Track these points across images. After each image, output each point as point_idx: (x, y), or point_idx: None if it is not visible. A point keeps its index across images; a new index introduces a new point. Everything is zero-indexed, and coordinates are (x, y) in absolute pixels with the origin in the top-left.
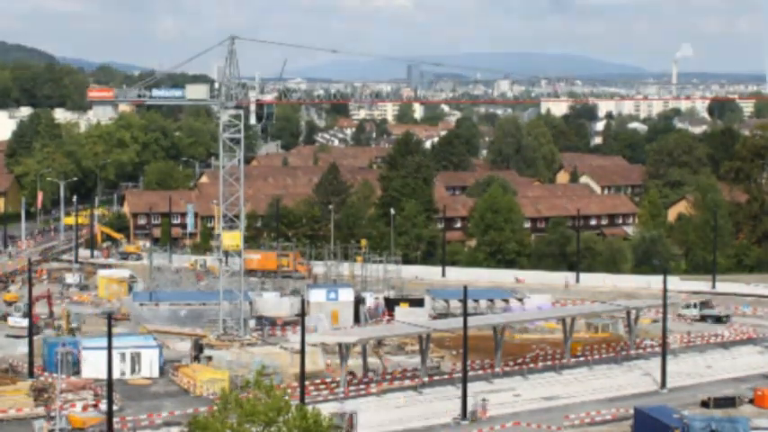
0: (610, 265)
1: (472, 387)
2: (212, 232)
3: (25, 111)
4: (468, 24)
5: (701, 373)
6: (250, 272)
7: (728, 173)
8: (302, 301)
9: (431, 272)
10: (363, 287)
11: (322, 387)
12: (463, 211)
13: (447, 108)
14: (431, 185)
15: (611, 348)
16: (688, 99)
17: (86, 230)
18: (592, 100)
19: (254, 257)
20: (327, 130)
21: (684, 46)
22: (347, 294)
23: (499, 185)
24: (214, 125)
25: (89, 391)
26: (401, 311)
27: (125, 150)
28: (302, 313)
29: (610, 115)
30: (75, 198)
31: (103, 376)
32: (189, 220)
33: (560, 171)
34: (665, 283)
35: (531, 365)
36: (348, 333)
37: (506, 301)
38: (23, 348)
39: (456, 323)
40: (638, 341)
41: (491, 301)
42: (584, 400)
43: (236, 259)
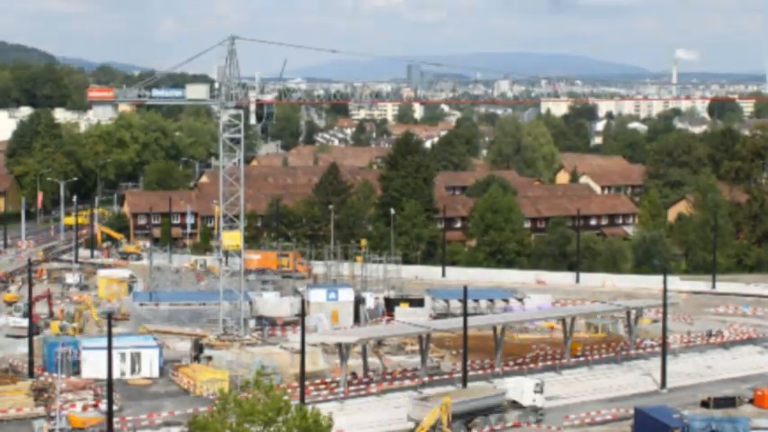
0: (610, 265)
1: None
2: (212, 232)
3: (25, 111)
4: (469, 24)
5: (701, 373)
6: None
7: (728, 173)
8: (302, 301)
9: (431, 272)
10: (363, 287)
11: (322, 387)
12: (463, 211)
13: (447, 108)
14: (431, 185)
15: (611, 348)
16: (688, 99)
17: (86, 230)
18: (592, 100)
19: (255, 257)
20: (327, 130)
21: (680, 50)
22: (347, 294)
23: (499, 185)
24: (214, 125)
25: (89, 391)
26: (401, 311)
27: (125, 150)
28: (302, 313)
29: (610, 115)
30: (75, 198)
31: (103, 376)
32: (188, 220)
33: (560, 171)
34: (665, 283)
35: (531, 365)
36: (348, 333)
37: (506, 301)
38: (23, 348)
39: (456, 323)
40: (638, 341)
41: (491, 301)
42: (584, 400)
43: (236, 259)
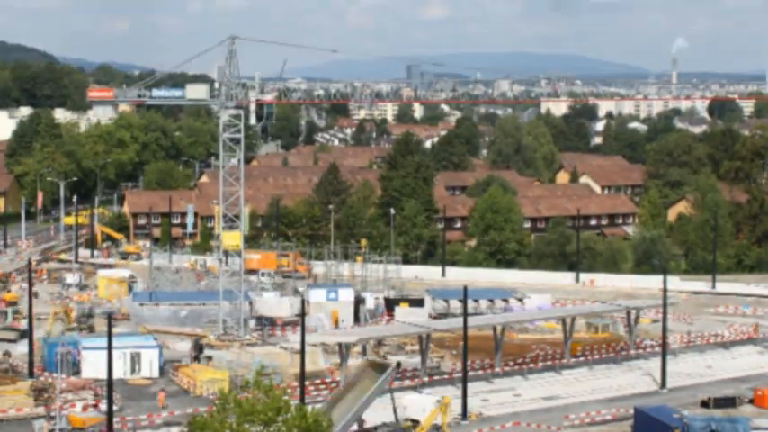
0: (610, 265)
1: (472, 387)
2: (212, 232)
3: (25, 111)
4: (469, 24)
5: (701, 373)
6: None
7: (728, 173)
8: (302, 301)
9: (431, 272)
10: (363, 287)
11: (322, 387)
12: (463, 211)
13: (447, 108)
14: (431, 185)
15: (611, 348)
16: (688, 99)
17: (86, 230)
18: (592, 100)
19: (255, 257)
20: (327, 130)
21: (679, 39)
22: (347, 294)
23: (499, 185)
24: (214, 125)
25: (89, 391)
26: (401, 311)
27: (125, 150)
28: (302, 313)
29: (610, 115)
30: (75, 198)
31: (103, 376)
32: (189, 219)
33: (560, 171)
34: (665, 283)
35: (531, 365)
36: (348, 333)
37: (506, 301)
38: (23, 348)
39: (456, 323)
40: (638, 341)
41: (491, 301)
42: (584, 400)
43: (236, 259)
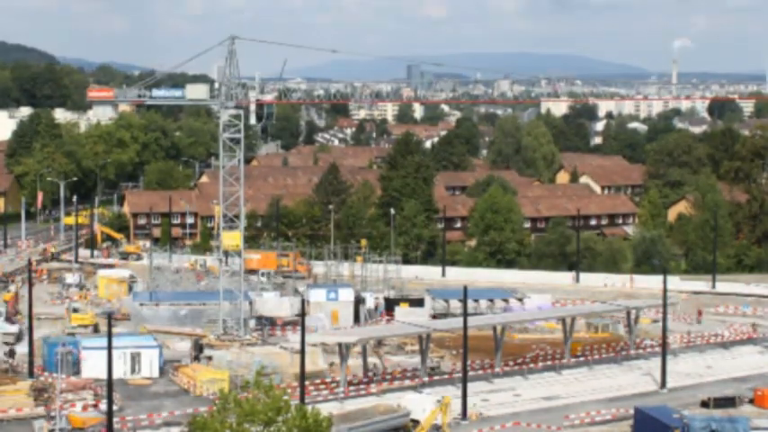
0: (610, 265)
1: (472, 387)
2: (212, 232)
3: (25, 111)
4: (469, 24)
5: (700, 373)
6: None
7: (728, 173)
8: (302, 301)
9: (431, 272)
10: (363, 287)
11: (322, 387)
12: (463, 211)
13: (447, 108)
14: (431, 185)
15: (611, 348)
16: (688, 99)
17: (86, 230)
18: (592, 100)
19: (255, 257)
20: (327, 130)
21: (680, 40)
22: (347, 294)
23: (499, 185)
24: (214, 125)
25: (89, 391)
26: (401, 311)
27: (125, 150)
28: (302, 313)
29: (610, 115)
30: (75, 198)
31: (103, 376)
32: (188, 220)
33: (560, 171)
34: (665, 283)
35: (531, 365)
36: (348, 333)
37: (506, 301)
38: (23, 348)
39: (456, 323)
40: (638, 341)
41: (491, 301)
42: (584, 400)
43: (236, 259)
